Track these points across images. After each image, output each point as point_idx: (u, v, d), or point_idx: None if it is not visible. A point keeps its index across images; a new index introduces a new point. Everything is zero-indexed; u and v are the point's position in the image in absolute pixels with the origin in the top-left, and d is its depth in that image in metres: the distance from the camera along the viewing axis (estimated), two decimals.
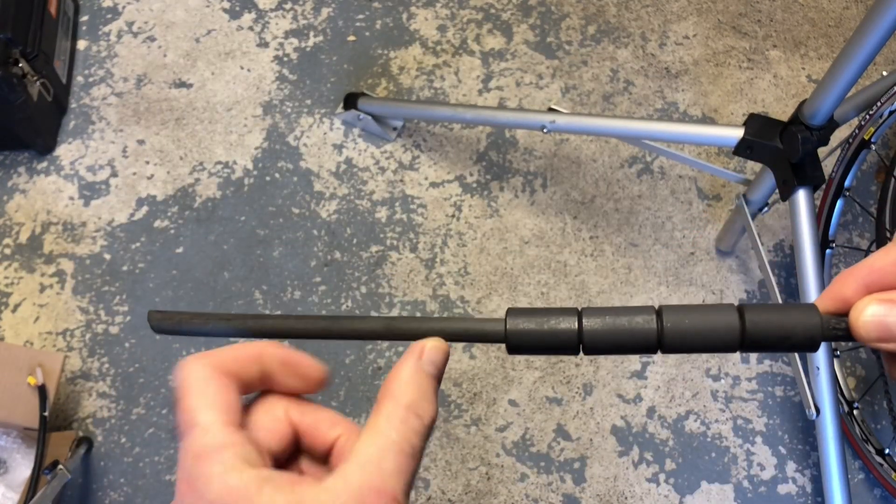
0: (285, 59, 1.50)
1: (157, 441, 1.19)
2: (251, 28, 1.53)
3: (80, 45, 1.50)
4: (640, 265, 1.34)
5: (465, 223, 1.36)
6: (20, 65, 1.27)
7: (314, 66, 1.50)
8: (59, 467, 1.02)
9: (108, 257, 1.31)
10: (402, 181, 1.39)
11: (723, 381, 1.26)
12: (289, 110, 1.45)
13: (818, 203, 1.23)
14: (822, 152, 1.06)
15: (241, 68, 1.49)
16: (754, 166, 1.41)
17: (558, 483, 1.19)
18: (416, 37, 1.53)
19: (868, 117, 1.10)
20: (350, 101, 1.41)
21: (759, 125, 1.04)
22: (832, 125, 1.00)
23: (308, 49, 1.52)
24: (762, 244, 1.27)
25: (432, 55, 1.51)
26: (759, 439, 1.23)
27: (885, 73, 1.10)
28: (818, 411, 1.04)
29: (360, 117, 1.40)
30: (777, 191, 1.08)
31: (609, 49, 1.53)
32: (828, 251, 1.25)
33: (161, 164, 1.39)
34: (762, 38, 1.56)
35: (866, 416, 1.23)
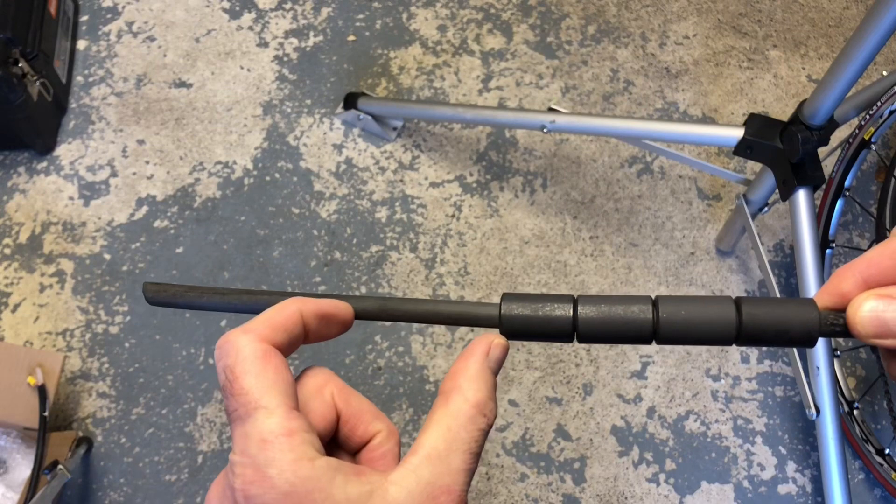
0: (285, 58, 1.50)
1: (157, 441, 1.19)
2: (251, 28, 1.53)
3: (80, 45, 1.50)
4: (640, 265, 1.34)
5: (465, 223, 1.36)
6: (20, 65, 1.27)
7: (314, 66, 1.50)
8: (59, 467, 1.02)
9: (107, 257, 1.31)
10: (402, 181, 1.39)
11: (723, 381, 1.26)
12: (289, 110, 1.45)
13: (818, 203, 1.23)
14: (822, 152, 1.06)
15: (241, 68, 1.48)
16: (754, 166, 1.41)
17: (558, 483, 1.19)
18: (416, 37, 1.53)
19: (868, 117, 1.10)
20: (350, 101, 1.41)
21: (759, 125, 1.04)
22: (832, 125, 1.00)
23: (308, 49, 1.51)
24: (762, 244, 1.27)
25: (432, 55, 1.51)
26: (759, 439, 1.23)
27: (885, 73, 1.10)
28: (818, 411, 1.04)
29: (360, 117, 1.40)
30: (777, 191, 1.08)
31: (609, 49, 1.53)
32: (828, 251, 1.25)
33: (161, 164, 1.39)
34: (762, 38, 1.56)
35: (866, 416, 1.23)
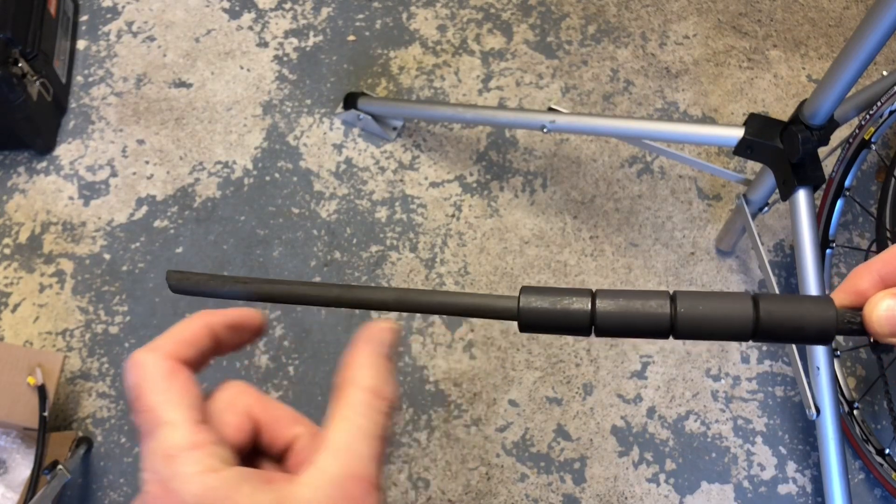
0: (285, 58, 1.50)
1: None
2: (251, 28, 1.53)
3: (80, 44, 1.50)
4: (640, 265, 1.34)
5: (465, 223, 1.36)
6: (20, 64, 1.27)
7: (314, 66, 1.50)
8: (59, 467, 1.02)
9: (107, 257, 1.31)
10: (402, 181, 1.39)
11: (723, 381, 1.26)
12: (288, 110, 1.45)
13: (818, 203, 1.23)
14: (822, 152, 1.06)
15: (241, 68, 1.48)
16: (754, 166, 1.41)
17: (558, 483, 1.19)
18: (416, 37, 1.53)
19: (868, 117, 1.10)
20: (350, 101, 1.41)
21: (759, 125, 1.04)
22: (832, 125, 1.00)
23: (308, 49, 1.51)
24: (762, 244, 1.27)
25: (432, 55, 1.51)
26: (759, 439, 1.23)
27: (885, 73, 1.10)
28: (818, 411, 1.04)
29: (360, 117, 1.40)
30: (777, 191, 1.08)
31: (609, 49, 1.53)
32: (828, 251, 1.25)
33: (161, 164, 1.39)
34: (762, 38, 1.56)
35: (866, 416, 1.23)
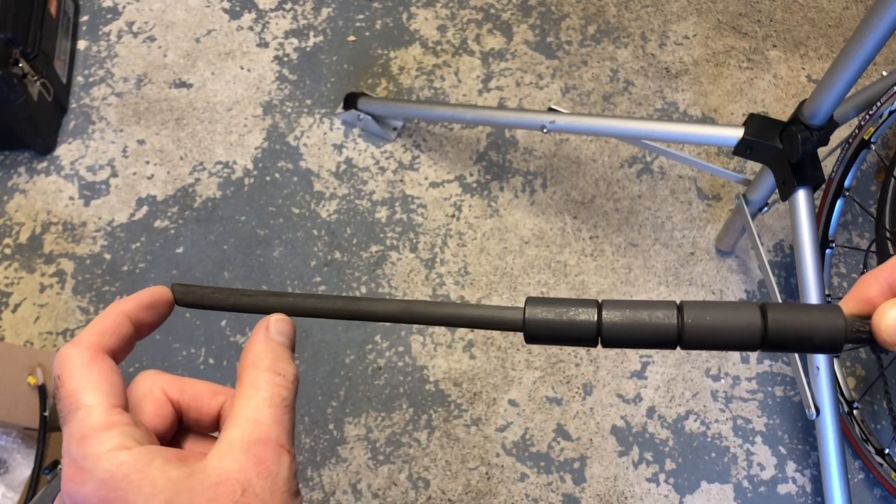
0: (285, 59, 1.50)
1: None
2: (251, 28, 1.53)
3: (80, 45, 1.50)
4: (640, 265, 1.34)
5: (465, 223, 1.36)
6: (20, 65, 1.27)
7: (314, 66, 1.50)
8: (59, 467, 1.02)
9: (108, 257, 1.31)
10: (402, 181, 1.39)
11: (723, 381, 1.26)
12: (289, 110, 1.45)
13: (818, 203, 1.23)
14: (822, 152, 1.06)
15: (241, 68, 1.49)
16: (754, 166, 1.41)
17: (558, 483, 1.19)
18: (416, 37, 1.53)
19: (868, 117, 1.10)
20: (350, 101, 1.41)
21: (758, 125, 1.04)
22: (832, 125, 1.00)
23: (308, 49, 1.52)
24: (762, 244, 1.27)
25: (432, 55, 1.52)
26: (759, 439, 1.23)
27: (885, 73, 1.10)
28: (818, 411, 1.04)
29: (360, 117, 1.40)
30: (777, 191, 1.08)
31: (609, 49, 1.53)
32: (828, 251, 1.25)
33: (161, 164, 1.39)
34: (762, 38, 1.56)
35: (866, 416, 1.23)
